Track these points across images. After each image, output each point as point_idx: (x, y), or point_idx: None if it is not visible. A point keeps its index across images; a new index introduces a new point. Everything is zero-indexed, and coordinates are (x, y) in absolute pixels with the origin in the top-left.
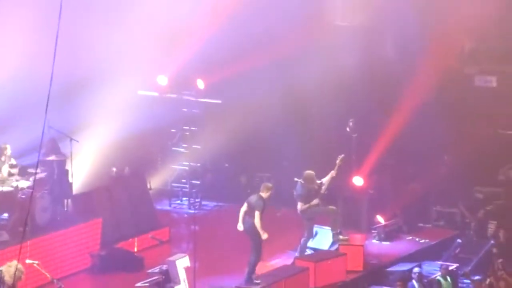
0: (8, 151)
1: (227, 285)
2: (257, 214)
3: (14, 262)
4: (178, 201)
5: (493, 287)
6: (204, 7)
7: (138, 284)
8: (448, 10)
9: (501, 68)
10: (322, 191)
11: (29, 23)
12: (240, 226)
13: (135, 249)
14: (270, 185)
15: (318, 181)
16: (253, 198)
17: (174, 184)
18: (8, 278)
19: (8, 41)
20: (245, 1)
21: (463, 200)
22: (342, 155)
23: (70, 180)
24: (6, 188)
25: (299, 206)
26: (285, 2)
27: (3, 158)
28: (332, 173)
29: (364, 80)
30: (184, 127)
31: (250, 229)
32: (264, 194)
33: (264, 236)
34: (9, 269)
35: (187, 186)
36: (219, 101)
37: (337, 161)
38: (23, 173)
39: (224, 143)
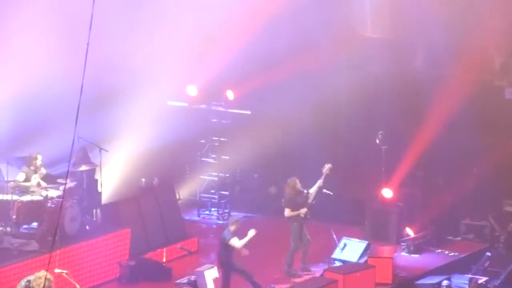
0: (39, 161)
1: None
2: (232, 241)
3: (43, 273)
4: (207, 212)
5: None
6: (234, 19)
7: None
8: (479, 22)
9: None
10: (309, 201)
11: (60, 33)
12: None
13: (164, 260)
14: (237, 218)
15: (305, 191)
16: (223, 233)
17: (203, 195)
18: None
19: (40, 51)
20: (275, 13)
21: (493, 213)
22: (329, 165)
23: (99, 190)
24: (35, 198)
25: (286, 212)
26: (315, 14)
27: (32, 167)
28: (319, 182)
29: (394, 92)
30: (213, 138)
31: (224, 261)
32: (232, 228)
33: (245, 252)
34: (39, 280)
35: (216, 196)
36: (249, 112)
37: (324, 170)
38: (53, 182)
39: (253, 154)
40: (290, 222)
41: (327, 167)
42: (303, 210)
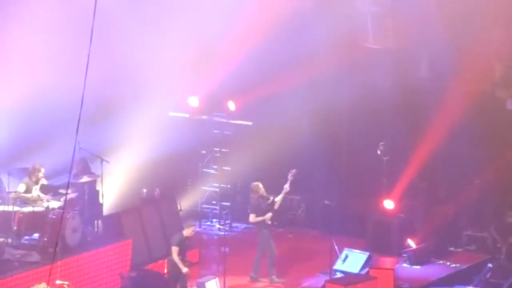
0: (41, 173)
1: None
2: (173, 249)
3: (44, 285)
4: (208, 223)
5: None
6: (235, 30)
7: None
8: (480, 34)
9: None
10: (275, 207)
11: (60, 44)
12: None
13: (165, 271)
14: (193, 223)
15: (271, 197)
16: (174, 235)
17: (204, 206)
18: None
19: (41, 61)
20: (276, 23)
21: (495, 225)
22: (294, 170)
23: (101, 201)
24: (37, 209)
25: (250, 218)
26: (317, 24)
27: (34, 179)
28: (285, 187)
29: (395, 103)
30: (215, 149)
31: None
32: (185, 232)
33: (184, 270)
34: None
35: (217, 207)
36: (250, 123)
37: (289, 176)
38: (54, 193)
39: (255, 165)
40: (257, 228)
41: (292, 172)
42: (268, 216)
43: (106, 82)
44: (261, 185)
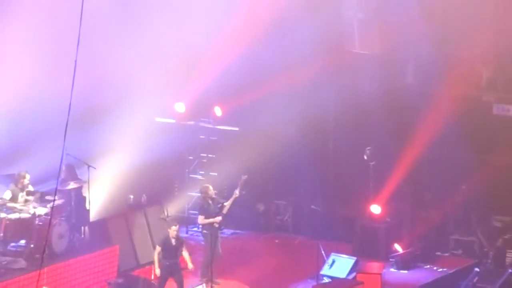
0: (27, 180)
1: None
2: (156, 248)
3: None
4: (195, 228)
5: None
6: (221, 35)
7: None
8: (466, 39)
9: None
10: (224, 212)
11: (46, 49)
12: None
13: (152, 277)
14: (174, 223)
15: (221, 201)
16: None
17: (191, 211)
18: None
19: (26, 68)
20: (262, 28)
21: (481, 229)
22: (245, 176)
23: (88, 207)
24: (23, 215)
25: (199, 219)
26: (303, 29)
27: (20, 186)
28: (235, 193)
29: (382, 108)
30: (202, 154)
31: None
32: (170, 232)
33: (157, 271)
34: None
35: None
36: (237, 129)
37: (240, 182)
38: (40, 200)
39: (241, 170)
40: (203, 230)
41: (242, 178)
42: (217, 219)
43: (93, 88)
44: (211, 187)
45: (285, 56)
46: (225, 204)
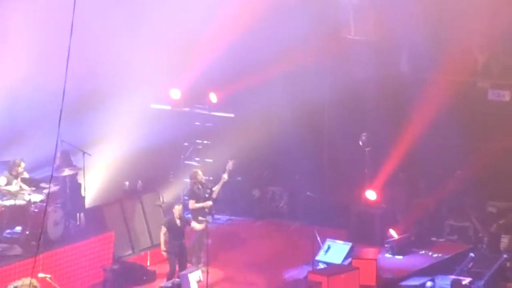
0: (21, 168)
1: None
2: (161, 228)
3: (29, 279)
4: (190, 215)
5: None
6: (216, 21)
7: None
8: (461, 25)
9: None
10: (213, 196)
11: (41, 36)
12: None
13: (148, 263)
14: (178, 203)
15: (210, 186)
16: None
17: (186, 198)
18: None
19: (20, 54)
20: (258, 14)
21: (476, 214)
22: (233, 160)
23: (83, 194)
24: (18, 202)
25: (190, 204)
26: (298, 15)
27: (14, 173)
28: (224, 177)
29: (377, 94)
30: (197, 141)
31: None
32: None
33: (163, 250)
34: (25, 286)
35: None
36: (232, 115)
37: (227, 166)
38: (35, 186)
39: (237, 156)
40: (194, 216)
41: (230, 163)
42: (208, 203)
43: (88, 74)
44: (200, 172)
45: (280, 42)
46: (213, 189)
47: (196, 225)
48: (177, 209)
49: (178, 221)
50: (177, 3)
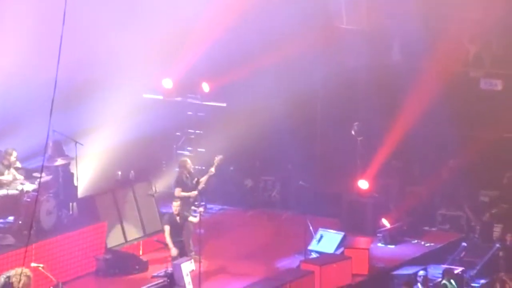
0: (13, 157)
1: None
2: (164, 228)
3: (22, 269)
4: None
5: None
6: (209, 11)
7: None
8: (453, 14)
9: (506, 71)
10: (199, 187)
11: (33, 26)
12: None
13: (140, 253)
14: (176, 200)
15: (196, 178)
16: None
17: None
18: (16, 284)
19: (12, 44)
20: (249, 5)
21: (468, 204)
22: (221, 156)
23: (75, 183)
24: (11, 192)
25: (176, 191)
26: (290, 5)
27: (6, 163)
28: (211, 170)
29: (370, 84)
30: (189, 131)
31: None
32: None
33: (172, 251)
34: (18, 276)
35: None
36: (224, 104)
37: (215, 160)
38: (28, 176)
39: (229, 146)
40: (184, 203)
41: (218, 158)
42: (193, 193)
43: (80, 64)
44: (189, 161)
45: (272, 32)
46: (200, 180)
47: (193, 219)
48: (175, 206)
49: (177, 218)
50: None
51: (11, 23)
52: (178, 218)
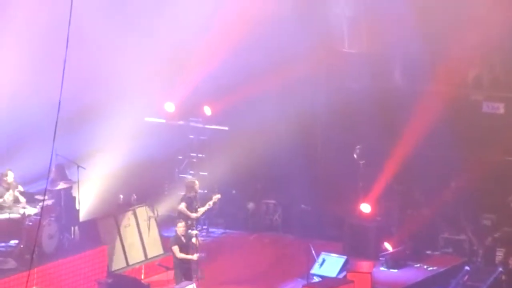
0: (10, 178)
1: None
2: (173, 249)
3: None
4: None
5: None
6: (210, 35)
7: None
8: (454, 38)
9: (508, 94)
10: (197, 215)
11: (36, 49)
12: None
13: (142, 277)
14: (180, 221)
15: (197, 206)
16: None
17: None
18: None
19: (16, 67)
20: (251, 28)
21: (471, 227)
22: (219, 195)
23: (77, 207)
24: (13, 215)
25: (181, 205)
26: (293, 28)
27: (5, 185)
28: (209, 204)
29: (372, 107)
30: (191, 154)
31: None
32: (177, 231)
33: (194, 256)
34: None
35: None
36: (226, 128)
37: (214, 197)
38: (30, 200)
39: (231, 169)
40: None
41: (216, 197)
42: (193, 215)
43: (82, 88)
44: (197, 183)
45: (274, 55)
46: (199, 209)
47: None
48: (180, 227)
49: (182, 238)
50: (171, 16)
51: (14, 45)
52: (183, 238)
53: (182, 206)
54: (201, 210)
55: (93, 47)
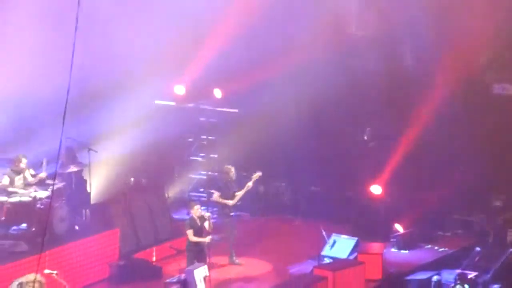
0: (23, 164)
1: None
2: (188, 233)
3: (34, 275)
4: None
5: None
6: (221, 17)
7: None
8: (464, 19)
9: None
10: (235, 200)
11: (46, 33)
12: None
13: (153, 259)
14: (195, 203)
15: (235, 191)
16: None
17: (191, 193)
18: None
19: (26, 51)
20: (261, 11)
21: (482, 208)
22: (260, 173)
23: (88, 190)
24: (24, 199)
25: (215, 195)
26: (302, 11)
27: (16, 169)
28: (248, 185)
29: (381, 89)
30: (202, 136)
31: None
32: (193, 213)
33: (207, 239)
34: (31, 283)
35: (205, 195)
36: (236, 110)
37: (253, 177)
38: (41, 183)
39: (241, 152)
40: (219, 208)
41: (256, 174)
42: (229, 202)
43: (92, 71)
44: (233, 170)
45: (283, 38)
46: (237, 193)
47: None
48: (197, 209)
49: (198, 221)
50: None
51: (24, 30)
52: (198, 221)
53: (215, 196)
54: (239, 194)
55: (103, 30)
